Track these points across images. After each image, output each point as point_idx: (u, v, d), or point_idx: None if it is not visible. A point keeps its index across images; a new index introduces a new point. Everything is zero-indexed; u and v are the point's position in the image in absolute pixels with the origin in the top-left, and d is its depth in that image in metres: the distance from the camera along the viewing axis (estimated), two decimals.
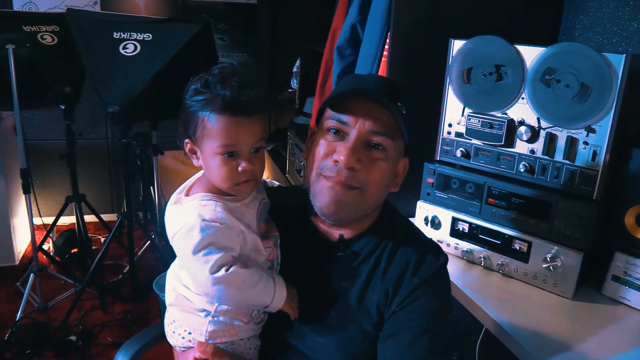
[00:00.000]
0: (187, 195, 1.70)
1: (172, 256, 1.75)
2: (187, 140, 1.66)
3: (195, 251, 1.58)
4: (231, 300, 1.66)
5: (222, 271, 1.59)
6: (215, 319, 1.71)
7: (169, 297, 1.82)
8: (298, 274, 1.80)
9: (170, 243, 1.67)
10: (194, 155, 1.68)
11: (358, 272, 1.74)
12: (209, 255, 1.58)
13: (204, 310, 1.72)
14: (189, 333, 1.76)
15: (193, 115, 1.60)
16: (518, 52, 2.19)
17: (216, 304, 1.68)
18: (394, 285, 1.68)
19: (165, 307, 1.84)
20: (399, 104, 1.59)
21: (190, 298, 1.73)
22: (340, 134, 1.65)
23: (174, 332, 1.81)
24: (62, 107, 4.34)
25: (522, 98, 2.21)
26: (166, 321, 1.85)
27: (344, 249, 1.76)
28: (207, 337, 1.72)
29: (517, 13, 2.79)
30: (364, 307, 1.70)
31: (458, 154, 2.45)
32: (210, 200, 1.64)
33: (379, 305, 1.69)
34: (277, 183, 2.06)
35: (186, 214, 1.62)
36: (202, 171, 1.71)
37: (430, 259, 1.71)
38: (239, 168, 1.60)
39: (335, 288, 1.75)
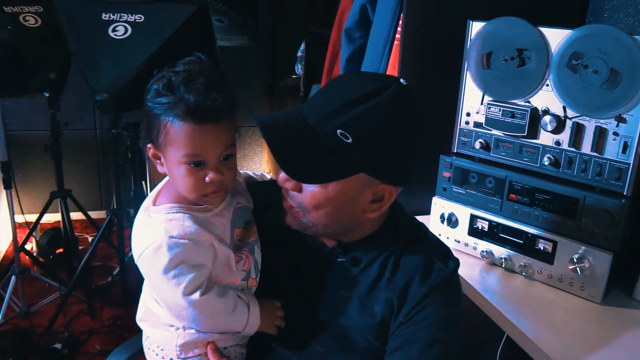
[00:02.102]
0: (154, 204, 1.70)
1: None
2: (149, 145, 1.65)
3: (166, 271, 1.58)
4: (202, 326, 1.67)
5: (197, 295, 1.59)
6: (186, 331, 1.72)
7: (139, 311, 1.84)
8: (293, 279, 1.81)
9: (136, 262, 1.66)
10: (158, 161, 1.66)
11: (359, 281, 1.74)
12: (180, 276, 1.59)
13: (173, 325, 1.73)
14: (162, 349, 1.77)
15: (155, 119, 1.58)
16: (542, 35, 2.20)
17: None
18: (400, 294, 1.68)
19: None
20: (339, 131, 1.50)
21: (158, 312, 1.73)
22: None
23: (148, 348, 1.83)
24: (47, 95, 4.34)
25: (547, 85, 2.21)
26: (143, 337, 1.87)
27: (344, 255, 1.76)
28: (178, 353, 1.73)
29: None
30: (367, 318, 1.71)
31: (477, 145, 2.46)
32: (177, 212, 1.63)
33: (384, 316, 1.69)
34: (269, 176, 2.06)
35: (152, 230, 1.62)
36: None
37: (439, 267, 1.71)
38: (206, 178, 1.59)
39: (333, 296, 1.76)
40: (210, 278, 1.65)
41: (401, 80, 1.56)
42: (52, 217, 5.70)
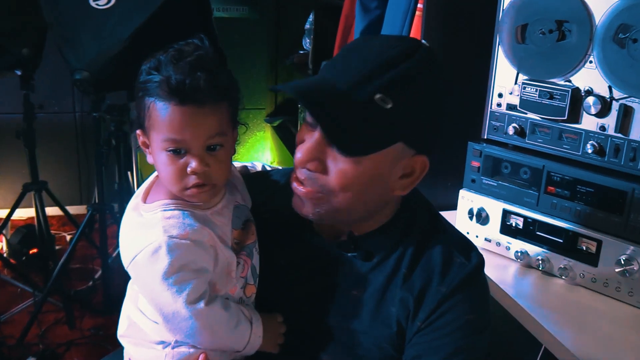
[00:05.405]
0: (144, 201, 1.71)
1: None
2: (139, 132, 1.68)
3: (165, 277, 1.58)
4: (199, 341, 1.67)
5: (202, 304, 1.60)
6: (175, 350, 1.71)
7: (121, 326, 1.82)
8: (296, 281, 1.82)
9: (126, 268, 1.67)
10: (147, 150, 1.69)
11: (372, 278, 1.75)
12: (182, 283, 1.59)
13: (162, 342, 1.72)
14: None
15: (142, 101, 1.61)
16: (585, 5, 2.19)
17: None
18: (418, 295, 1.69)
19: None
20: (377, 96, 1.53)
21: (145, 327, 1.73)
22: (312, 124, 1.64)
23: None
24: (19, 73, 4.35)
25: (590, 62, 2.21)
26: (124, 357, 1.86)
27: (355, 249, 1.77)
28: None
29: None
30: (381, 320, 1.72)
31: (510, 131, 2.46)
32: (174, 209, 1.64)
33: (399, 319, 1.70)
34: (261, 164, 2.06)
35: (147, 231, 1.62)
36: None
37: (460, 261, 1.72)
38: (188, 168, 1.60)
39: (343, 296, 1.76)
40: (209, 287, 1.65)
41: (424, 41, 1.63)
42: (25, 213, 5.72)
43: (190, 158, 1.59)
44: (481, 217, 2.55)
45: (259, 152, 6.56)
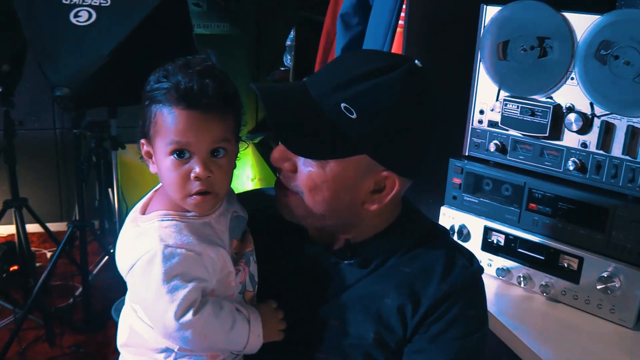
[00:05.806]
0: (143, 213, 1.70)
1: None
2: (143, 141, 1.67)
3: (159, 286, 1.56)
4: (195, 347, 1.65)
5: (190, 315, 1.57)
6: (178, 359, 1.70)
7: (121, 335, 1.80)
8: (292, 288, 1.81)
9: (125, 278, 1.66)
10: (150, 160, 1.69)
11: (370, 282, 1.74)
12: (175, 292, 1.57)
13: (165, 350, 1.70)
14: None
15: (147, 109, 1.61)
16: (566, 21, 2.19)
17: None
18: (419, 290, 1.68)
19: None
20: (343, 105, 1.56)
21: (146, 335, 1.71)
22: None
23: None
24: None
25: (572, 78, 2.21)
26: None
27: (352, 256, 1.76)
28: None
29: None
30: (380, 315, 1.70)
31: (492, 147, 2.46)
32: (172, 220, 1.63)
33: (400, 312, 1.68)
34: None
35: (144, 240, 1.61)
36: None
37: (463, 263, 1.73)
38: (192, 174, 1.59)
39: (339, 302, 1.75)
40: (206, 292, 1.63)
41: (416, 61, 1.63)
42: (5, 230, 5.70)
43: (194, 163, 1.59)
44: (462, 234, 2.54)
45: (240, 168, 6.53)
